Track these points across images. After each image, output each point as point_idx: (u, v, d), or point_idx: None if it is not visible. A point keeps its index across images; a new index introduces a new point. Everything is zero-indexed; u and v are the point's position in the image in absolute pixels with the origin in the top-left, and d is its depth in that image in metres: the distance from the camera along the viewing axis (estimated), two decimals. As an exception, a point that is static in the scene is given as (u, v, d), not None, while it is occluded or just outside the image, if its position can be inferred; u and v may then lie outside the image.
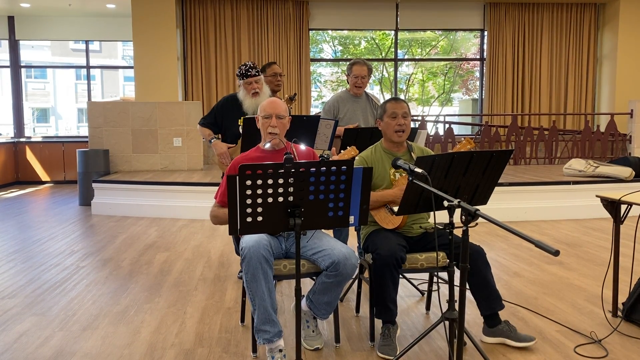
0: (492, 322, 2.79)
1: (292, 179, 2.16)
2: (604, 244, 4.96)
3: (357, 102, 4.14)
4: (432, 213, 2.50)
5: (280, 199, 2.18)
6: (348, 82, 4.15)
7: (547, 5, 9.70)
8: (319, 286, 2.63)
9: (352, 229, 5.24)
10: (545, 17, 9.73)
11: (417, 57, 11.48)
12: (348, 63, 4.15)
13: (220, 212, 2.70)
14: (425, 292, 3.57)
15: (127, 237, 5.43)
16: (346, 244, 3.96)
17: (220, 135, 3.95)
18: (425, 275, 3.95)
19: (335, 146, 3.91)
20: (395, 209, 2.78)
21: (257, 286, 2.48)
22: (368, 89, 4.27)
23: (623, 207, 3.04)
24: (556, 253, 1.65)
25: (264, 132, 2.79)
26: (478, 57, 10.51)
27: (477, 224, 2.08)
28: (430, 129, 8.71)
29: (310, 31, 9.68)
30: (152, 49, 8.84)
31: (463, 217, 1.99)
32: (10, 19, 9.95)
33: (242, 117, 3.67)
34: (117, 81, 20.70)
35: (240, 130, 3.62)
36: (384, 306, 2.69)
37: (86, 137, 9.04)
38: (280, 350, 2.52)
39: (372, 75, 4.15)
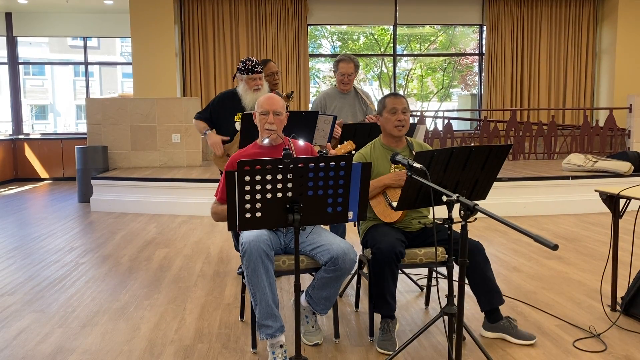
0: (493, 318, 2.79)
1: (290, 174, 2.16)
2: (603, 239, 4.96)
3: (345, 98, 4.11)
4: (431, 208, 2.50)
5: (279, 194, 2.18)
6: (335, 78, 4.13)
7: (545, 0, 9.68)
8: (318, 281, 2.63)
9: (350, 225, 5.25)
10: (544, 12, 9.72)
11: (415, 53, 11.47)
12: (334, 60, 4.11)
13: (219, 209, 2.70)
14: (425, 287, 3.58)
15: (126, 233, 5.43)
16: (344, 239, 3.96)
17: (214, 130, 3.93)
18: (425, 271, 3.95)
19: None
20: (394, 203, 2.79)
21: (258, 281, 2.48)
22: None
23: (622, 202, 3.04)
24: (555, 247, 1.65)
25: (261, 128, 2.79)
26: (477, 52, 10.50)
27: (476, 219, 2.08)
28: (430, 124, 8.70)
29: (308, 27, 9.66)
30: (151, 45, 8.82)
31: (462, 212, 1.99)
32: (8, 16, 9.92)
33: (238, 113, 3.66)
34: (115, 78, 20.65)
35: (237, 127, 3.61)
36: (383, 300, 2.70)
37: (85, 133, 9.03)
38: (281, 346, 2.52)
39: (358, 70, 4.10)
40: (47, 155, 9.81)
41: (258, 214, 2.19)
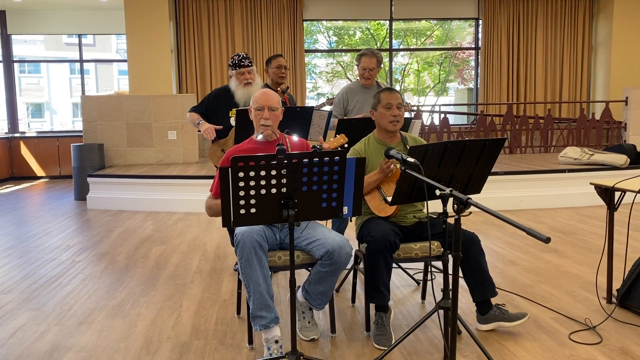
0: (484, 309, 2.80)
1: (285, 170, 2.16)
2: (598, 231, 4.97)
3: (367, 92, 4.09)
4: (425, 202, 2.50)
5: (274, 190, 2.18)
6: (358, 72, 4.11)
7: (541, -7, 9.68)
8: (314, 276, 2.64)
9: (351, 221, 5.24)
10: (540, 6, 9.71)
11: (412, 47, 11.46)
12: (358, 53, 4.10)
13: (214, 204, 2.70)
14: (421, 282, 3.58)
15: (122, 231, 5.42)
16: (343, 234, 3.97)
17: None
18: (421, 265, 3.96)
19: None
20: (389, 198, 2.79)
21: (251, 272, 2.48)
22: (376, 79, 4.21)
23: (617, 194, 3.04)
24: (547, 240, 1.65)
25: (256, 123, 2.79)
26: (473, 46, 10.49)
27: (470, 212, 2.08)
28: (426, 119, 8.70)
29: (304, 22, 9.64)
30: (146, 42, 8.79)
31: (455, 205, 1.99)
32: (2, 14, 9.88)
33: (233, 109, 3.66)
34: (111, 75, 20.59)
35: (232, 123, 3.61)
36: (376, 290, 2.70)
37: (81, 131, 9.00)
38: (277, 341, 2.52)
39: (381, 65, 4.09)
40: (43, 153, 9.79)
41: (252, 210, 2.18)
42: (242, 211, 2.17)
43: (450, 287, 2.09)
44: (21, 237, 5.20)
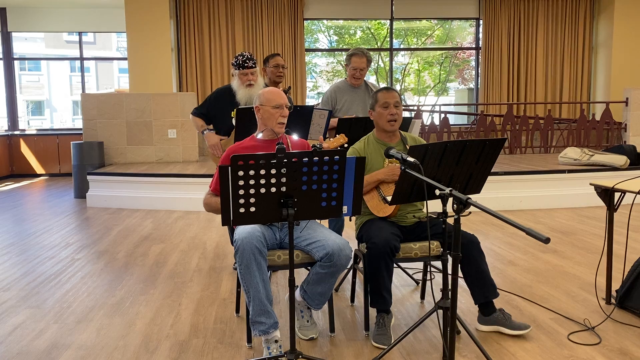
0: (486, 311, 2.80)
1: (284, 169, 2.16)
2: (598, 232, 4.97)
3: (356, 92, 4.09)
4: (425, 202, 2.50)
5: (273, 189, 2.18)
6: (346, 72, 4.10)
7: (542, -6, 9.67)
8: (313, 277, 2.63)
9: (347, 220, 5.24)
10: (541, 6, 9.70)
11: (412, 47, 11.45)
12: (347, 53, 4.09)
13: (212, 201, 2.70)
14: (420, 282, 3.58)
15: (122, 229, 5.42)
16: (341, 234, 3.97)
17: (212, 126, 3.94)
18: (420, 265, 3.96)
19: (329, 137, 3.89)
20: (389, 198, 2.78)
21: (251, 278, 2.48)
22: (364, 78, 4.21)
23: (617, 195, 3.04)
24: (546, 240, 1.65)
25: (273, 121, 2.75)
26: (474, 46, 10.49)
27: (470, 212, 2.08)
28: (426, 119, 8.70)
29: (305, 21, 9.63)
30: (146, 40, 8.78)
31: (455, 205, 1.99)
32: (2, 10, 9.86)
33: (235, 109, 3.66)
34: (112, 73, 20.60)
35: (233, 122, 3.61)
36: (378, 295, 2.70)
37: (81, 129, 9.00)
38: (276, 341, 2.52)
39: (370, 65, 4.09)
40: (43, 151, 9.79)
41: (252, 209, 2.18)
42: (242, 210, 2.17)
43: (450, 287, 2.09)
44: (21, 235, 5.19)
